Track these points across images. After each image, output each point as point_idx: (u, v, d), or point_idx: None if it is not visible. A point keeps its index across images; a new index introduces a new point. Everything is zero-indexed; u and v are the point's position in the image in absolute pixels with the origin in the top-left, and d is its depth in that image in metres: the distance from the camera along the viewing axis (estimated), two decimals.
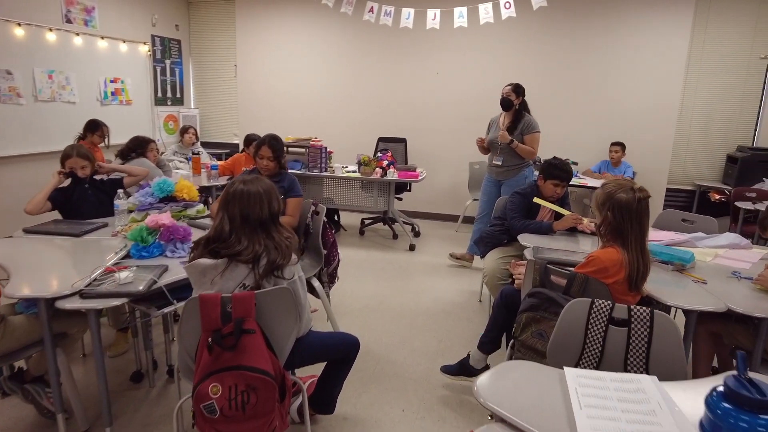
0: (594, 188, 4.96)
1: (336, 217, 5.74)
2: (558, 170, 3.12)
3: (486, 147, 4.30)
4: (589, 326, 1.76)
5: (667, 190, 5.70)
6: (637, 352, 1.69)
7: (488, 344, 2.58)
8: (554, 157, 3.30)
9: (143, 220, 2.68)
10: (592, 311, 1.76)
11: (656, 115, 5.55)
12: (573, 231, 3.05)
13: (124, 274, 1.92)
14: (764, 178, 4.99)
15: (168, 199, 2.89)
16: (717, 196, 5.33)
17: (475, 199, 5.65)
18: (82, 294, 1.80)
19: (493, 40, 5.83)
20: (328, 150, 5.34)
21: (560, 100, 5.70)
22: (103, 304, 1.79)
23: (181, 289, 2.09)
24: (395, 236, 5.48)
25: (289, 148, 5.41)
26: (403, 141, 5.88)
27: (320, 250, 3.06)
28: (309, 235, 3.19)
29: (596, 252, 2.05)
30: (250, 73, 6.82)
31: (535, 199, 3.11)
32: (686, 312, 2.10)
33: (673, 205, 5.77)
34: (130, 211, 2.87)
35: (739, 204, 4.42)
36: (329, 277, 3.17)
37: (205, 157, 5.28)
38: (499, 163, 4.14)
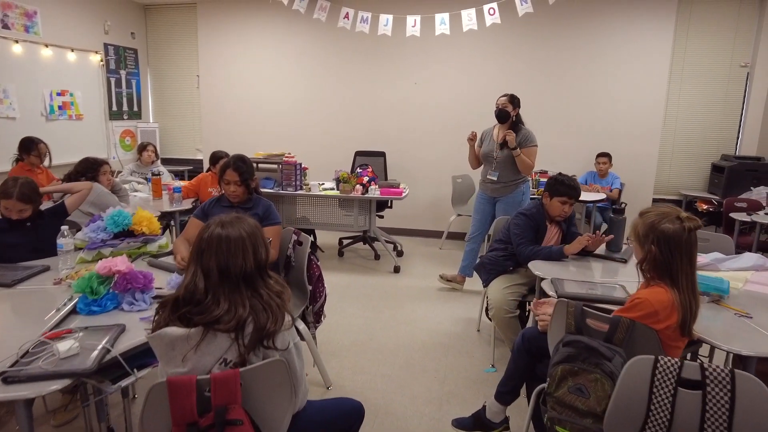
0: (585, 202, 4.75)
1: (312, 237, 5.33)
2: (566, 187, 2.84)
3: (478, 160, 4.01)
4: (654, 389, 1.45)
5: (653, 200, 5.57)
6: (717, 421, 1.39)
7: (507, 395, 2.25)
8: (560, 173, 3.03)
9: (94, 261, 2.24)
10: (657, 371, 1.45)
11: (641, 124, 5.42)
12: (584, 254, 2.78)
13: (65, 345, 1.49)
14: (751, 187, 4.90)
15: (124, 234, 2.45)
16: (704, 206, 5.23)
17: (459, 215, 5.38)
18: (5, 378, 1.36)
19: (477, 49, 5.59)
20: (302, 166, 4.95)
21: (545, 109, 5.50)
22: (35, 391, 1.36)
23: (144, 354, 1.68)
24: (377, 257, 5.12)
25: (260, 165, 5.00)
26: (381, 155, 5.55)
27: (305, 286, 2.68)
28: (291, 269, 2.80)
29: (642, 293, 1.75)
30: (215, 84, 6.36)
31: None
32: (744, 357, 1.82)
33: None
34: (78, 249, 2.42)
35: (734, 215, 4.28)
36: (315, 315, 2.78)
37: (166, 177, 4.80)
38: (494, 179, 3.85)
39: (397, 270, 4.70)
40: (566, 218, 2.97)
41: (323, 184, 5.07)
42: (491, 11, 4.46)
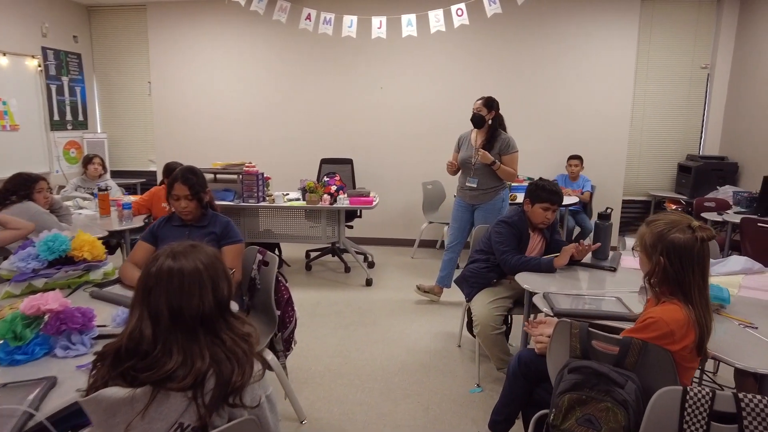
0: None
1: (277, 251, 5.04)
2: (547, 192, 2.69)
3: (456, 167, 3.85)
4: (685, 425, 1.28)
5: (623, 202, 5.57)
6: None
7: (503, 423, 2.06)
8: (540, 178, 2.89)
9: (24, 296, 1.91)
10: (687, 404, 1.28)
11: (609, 126, 5.41)
12: (570, 263, 2.63)
13: None
14: (717, 186, 4.95)
15: (61, 261, 2.12)
16: (673, 206, 5.25)
17: (430, 222, 5.20)
18: None
19: (445, 51, 5.46)
20: (264, 176, 4.66)
21: (515, 112, 5.36)
22: None
23: (82, 412, 1.38)
24: (348, 269, 4.87)
25: (218, 176, 4.68)
26: (349, 162, 5.32)
27: (272, 312, 2.42)
28: (256, 292, 2.53)
29: (655, 311, 1.59)
30: (168, 91, 5.97)
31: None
32: (762, 376, 1.69)
33: (630, 217, 5.65)
34: (5, 281, 2.08)
35: (705, 215, 4.27)
36: (285, 343, 2.52)
37: (115, 192, 4.41)
38: (474, 185, 3.69)
39: (369, 283, 4.47)
40: (549, 225, 2.82)
41: (288, 194, 4.78)
42: (459, 12, 4.32)
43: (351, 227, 5.02)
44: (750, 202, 4.47)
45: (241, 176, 4.43)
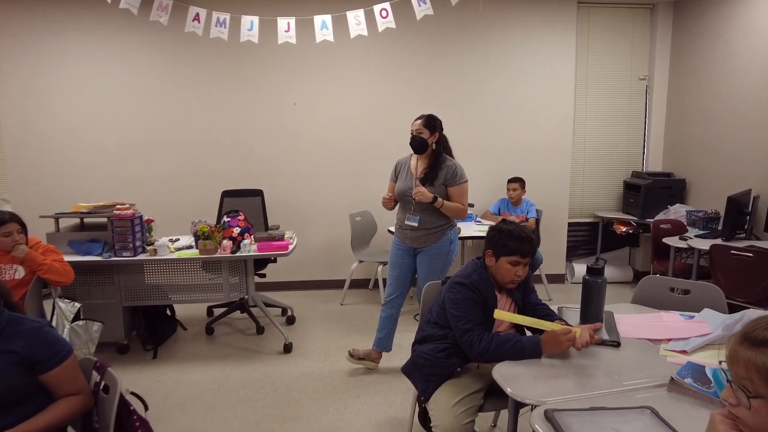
0: None
1: (169, 311, 3.98)
2: (516, 241, 1.97)
3: (394, 201, 3.07)
4: None
5: (569, 225, 5.09)
6: None
7: None
8: (503, 220, 2.17)
9: None
10: None
11: (551, 143, 4.93)
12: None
13: None
14: (668, 205, 4.58)
15: None
16: (623, 228, 4.82)
17: (361, 261, 4.39)
18: None
19: (370, 59, 4.71)
20: (145, 219, 3.63)
21: (448, 130, 4.76)
22: None
23: None
24: (260, 330, 3.92)
25: (85, 221, 3.60)
26: (258, 193, 4.39)
27: None
28: None
29: None
30: (19, 119, 4.66)
31: (497, 314, 1.92)
32: None
33: (577, 241, 5.18)
34: None
35: (667, 241, 3.82)
36: None
37: None
38: (415, 224, 2.92)
39: (288, 349, 3.55)
40: (523, 282, 2.11)
41: (178, 239, 3.78)
42: (383, 13, 3.60)
43: (263, 276, 4.07)
44: (706, 223, 4.10)
45: (111, 222, 3.37)
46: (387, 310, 3.10)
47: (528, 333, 2.02)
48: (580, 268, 5.08)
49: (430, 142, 2.91)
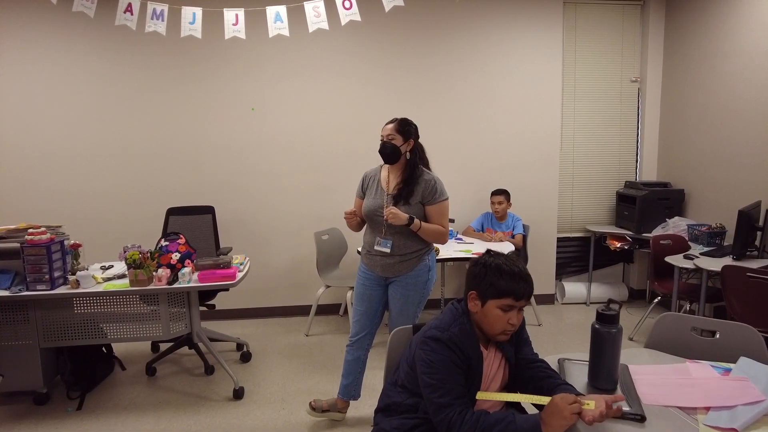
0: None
1: (105, 348, 3.43)
2: (509, 278, 1.51)
3: (360, 219, 2.59)
4: None
5: (558, 240, 4.66)
6: None
7: None
8: (488, 251, 1.69)
9: None
10: None
11: (537, 152, 4.50)
12: None
13: None
14: (666, 218, 4.18)
15: None
16: (617, 244, 4.41)
17: (328, 286, 3.89)
18: None
19: (332, 57, 4.23)
20: (71, 243, 3.09)
21: (423, 137, 4.31)
22: None
23: None
24: (209, 369, 3.37)
25: None
26: (208, 210, 3.86)
27: None
28: None
29: None
30: None
31: (480, 396, 1.45)
32: None
33: (567, 257, 4.76)
34: None
35: (671, 260, 3.40)
36: None
37: None
38: (387, 250, 2.44)
39: (239, 395, 3.02)
40: (517, 333, 1.64)
41: (111, 266, 3.23)
42: (347, 4, 3.13)
43: (211, 307, 3.54)
44: (711, 239, 3.70)
45: (22, 249, 2.82)
46: (353, 352, 2.60)
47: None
48: (571, 288, 4.65)
49: (404, 150, 2.44)
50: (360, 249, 3.62)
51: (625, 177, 4.67)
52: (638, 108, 4.65)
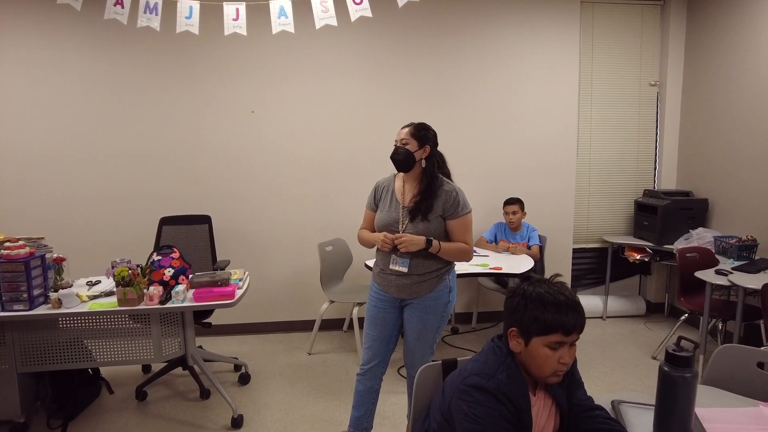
0: (506, 275, 3.31)
1: (91, 370, 3.16)
2: (555, 309, 1.26)
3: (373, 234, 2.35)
4: None
5: (573, 252, 4.43)
6: None
7: None
8: (529, 278, 1.43)
9: None
10: None
11: (552, 159, 4.28)
12: None
13: None
14: (690, 230, 3.95)
15: None
16: (637, 256, 4.18)
17: (332, 301, 3.63)
18: None
19: (342, 56, 3.99)
20: (55, 257, 2.82)
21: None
22: None
23: None
24: (205, 393, 3.11)
25: None
26: (205, 220, 3.60)
27: None
28: None
29: None
30: None
31: None
32: None
33: (583, 269, 4.53)
34: None
35: (702, 276, 3.16)
36: None
37: None
38: (404, 269, 2.19)
39: (237, 424, 2.76)
40: (569, 372, 1.39)
41: (99, 281, 2.97)
42: None
43: (208, 326, 3.28)
44: (741, 252, 3.48)
45: None
46: (365, 382, 2.35)
47: None
48: (587, 301, 4.41)
49: (418, 157, 2.19)
50: (368, 263, 3.42)
51: (643, 185, 4.45)
52: (657, 113, 4.43)
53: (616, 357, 3.64)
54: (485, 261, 3.49)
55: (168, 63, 3.83)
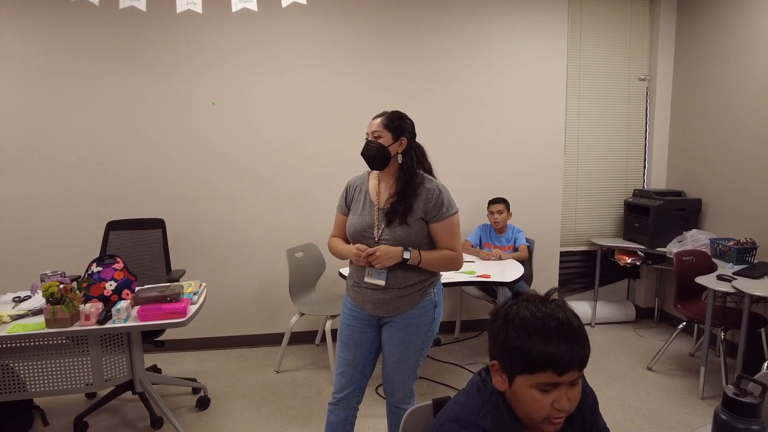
0: (496, 284, 3.01)
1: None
2: (543, 337, 0.95)
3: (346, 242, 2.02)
4: None
5: (561, 255, 4.18)
6: None
7: None
8: (516, 294, 1.13)
9: None
10: None
11: (538, 157, 4.03)
12: None
13: None
14: (683, 231, 3.75)
15: None
16: (628, 259, 3.96)
17: (303, 314, 3.29)
18: None
19: (309, 42, 3.63)
20: None
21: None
22: None
23: None
24: (156, 422, 2.72)
25: None
26: (158, 224, 3.21)
27: None
28: None
29: None
30: None
31: None
32: None
33: (570, 273, 4.29)
34: None
35: (703, 281, 2.94)
36: None
37: None
38: (381, 282, 1.86)
39: None
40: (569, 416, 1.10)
41: (27, 297, 2.56)
42: None
43: (160, 345, 2.89)
44: (741, 255, 3.28)
45: None
46: (337, 413, 2.01)
47: None
48: (574, 307, 4.16)
49: (394, 151, 1.88)
50: (342, 271, 3.08)
51: (633, 184, 4.24)
52: (647, 109, 4.23)
53: (609, 368, 3.40)
54: (472, 268, 3.19)
55: (112, 44, 3.40)
